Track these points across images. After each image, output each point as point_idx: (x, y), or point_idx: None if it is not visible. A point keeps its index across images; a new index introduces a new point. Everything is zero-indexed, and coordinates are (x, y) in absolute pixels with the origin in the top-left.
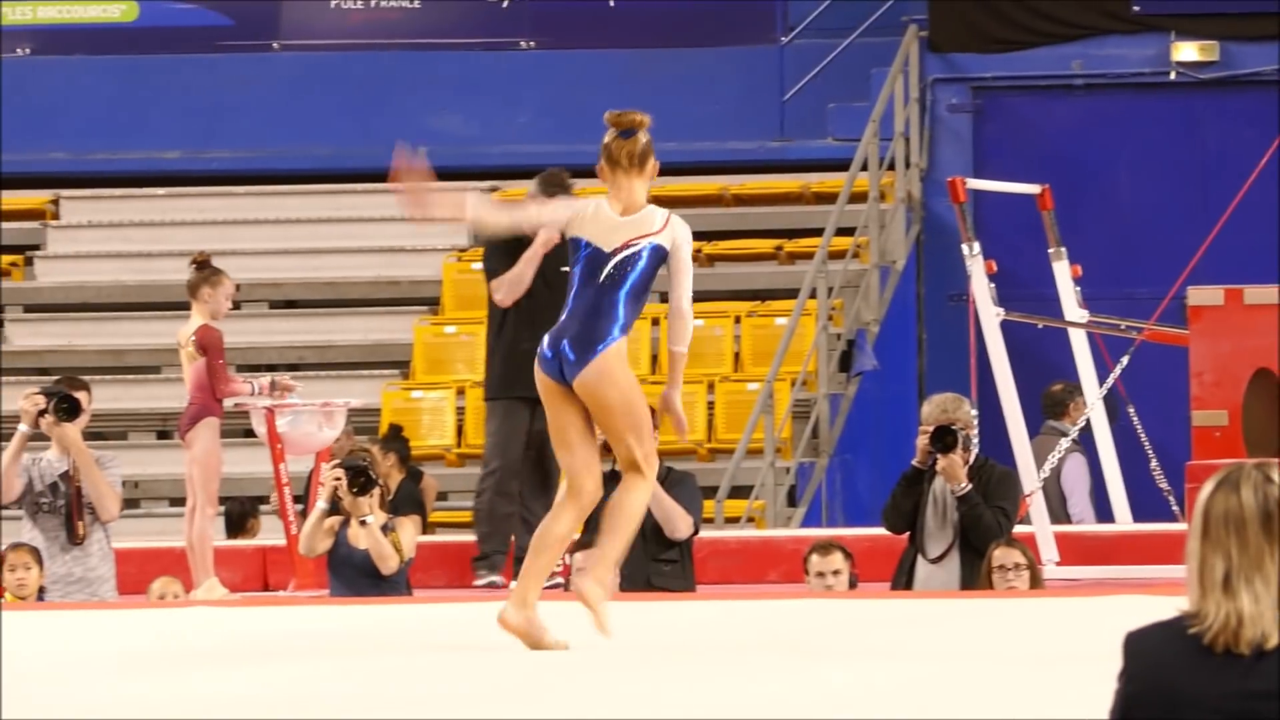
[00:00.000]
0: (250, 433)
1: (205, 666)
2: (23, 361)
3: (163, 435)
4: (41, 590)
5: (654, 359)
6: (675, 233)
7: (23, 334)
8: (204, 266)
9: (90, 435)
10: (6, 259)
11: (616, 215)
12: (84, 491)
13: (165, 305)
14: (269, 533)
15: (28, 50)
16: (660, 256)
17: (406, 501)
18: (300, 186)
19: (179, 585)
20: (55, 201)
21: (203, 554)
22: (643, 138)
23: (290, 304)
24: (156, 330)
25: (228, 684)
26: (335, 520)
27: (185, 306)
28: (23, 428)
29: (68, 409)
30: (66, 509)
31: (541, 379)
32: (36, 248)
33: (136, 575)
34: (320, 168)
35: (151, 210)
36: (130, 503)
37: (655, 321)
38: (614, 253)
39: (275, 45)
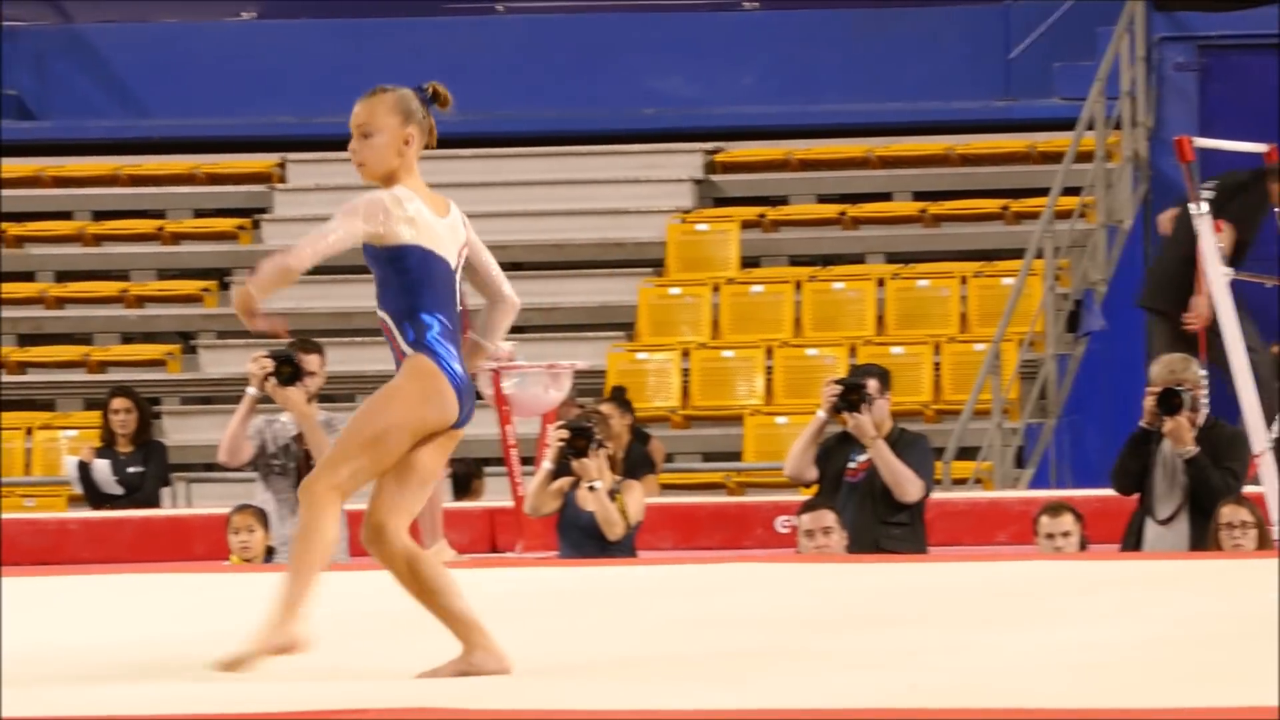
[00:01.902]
0: (477, 394)
1: (431, 629)
2: (235, 323)
3: None
4: (271, 551)
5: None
6: (469, 232)
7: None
8: None
9: (322, 398)
10: (234, 222)
11: (437, 218)
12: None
13: None
14: (495, 494)
15: (254, 14)
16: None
17: (640, 464)
18: (525, 149)
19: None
20: (282, 165)
21: (432, 516)
22: None
23: (515, 266)
24: None
25: (453, 647)
26: (565, 482)
27: None
28: (251, 391)
29: (289, 373)
30: (296, 472)
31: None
32: (264, 211)
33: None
34: (545, 130)
35: None
36: None
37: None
38: (455, 269)
39: (500, 7)
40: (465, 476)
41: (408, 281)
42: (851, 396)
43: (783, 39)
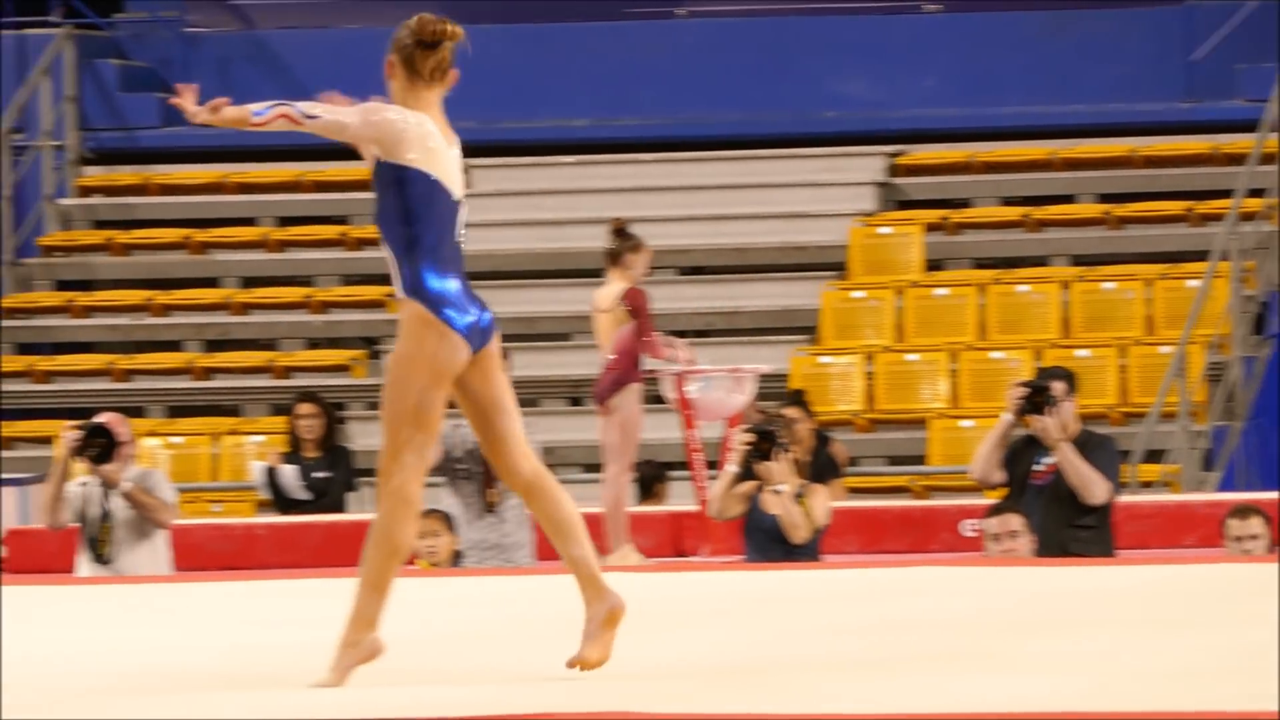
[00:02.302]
0: (659, 399)
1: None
2: None
3: (574, 401)
4: (458, 555)
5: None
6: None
7: None
8: (624, 233)
9: None
10: None
11: (452, 149)
12: None
13: (575, 273)
14: (679, 498)
15: None
16: None
17: (826, 467)
18: (707, 153)
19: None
20: (465, 170)
21: (617, 520)
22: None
23: (698, 270)
24: (567, 298)
25: (642, 649)
26: (750, 485)
27: (593, 274)
28: None
29: None
30: (481, 476)
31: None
32: None
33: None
34: (726, 134)
35: (560, 178)
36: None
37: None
38: (459, 203)
39: (680, 11)
40: (649, 480)
41: (408, 208)
42: (1037, 399)
43: (964, 41)
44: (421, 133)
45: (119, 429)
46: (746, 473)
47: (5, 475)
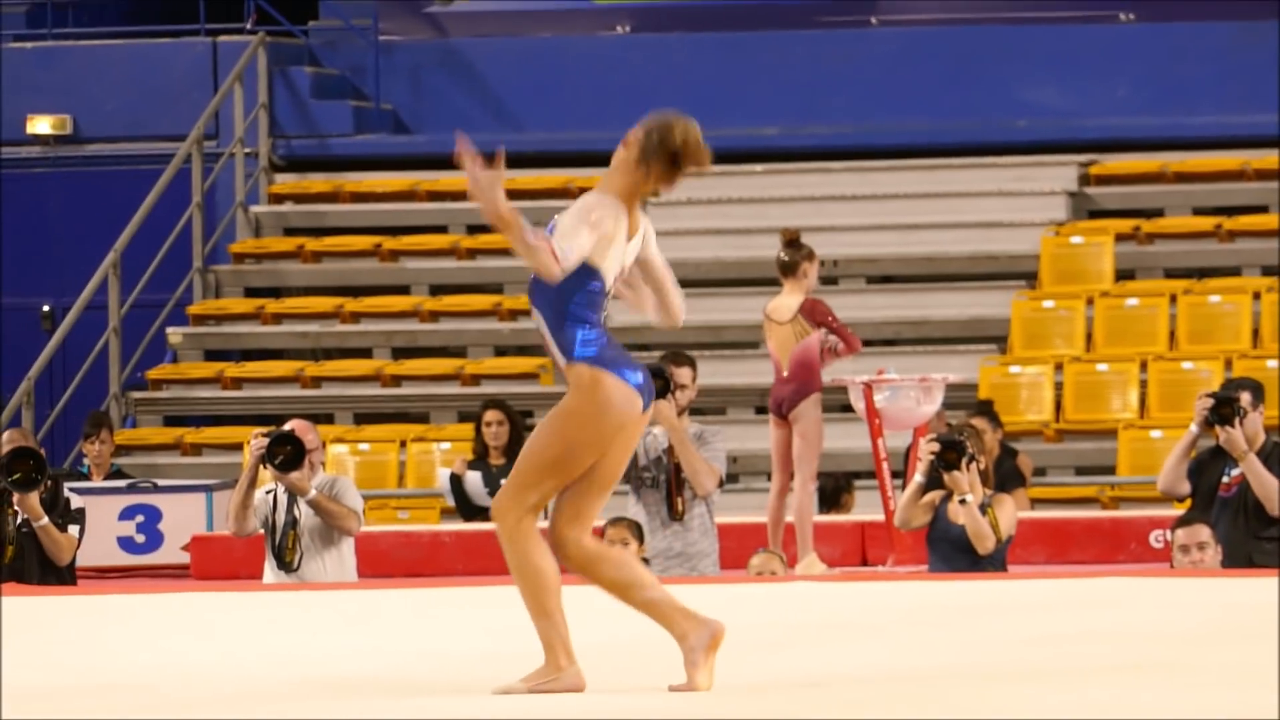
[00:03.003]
0: (847, 408)
1: (803, 643)
2: (625, 337)
3: (761, 410)
4: (645, 563)
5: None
6: (648, 242)
7: (624, 309)
8: (796, 243)
9: (693, 411)
10: None
11: (626, 242)
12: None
13: (764, 281)
14: (865, 508)
15: (627, 28)
16: None
17: (1010, 477)
18: (897, 161)
19: (778, 561)
20: None
21: (804, 529)
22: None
23: (887, 279)
24: (755, 306)
25: (825, 660)
26: (935, 495)
27: (780, 283)
28: None
29: (660, 387)
30: (667, 484)
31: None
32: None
33: (736, 550)
34: (917, 142)
35: (750, 187)
36: (730, 478)
37: None
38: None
39: (873, 20)
40: (835, 491)
41: (577, 295)
42: (1224, 410)
43: (1157, 51)
44: (614, 231)
45: (307, 436)
46: (932, 482)
47: (193, 481)
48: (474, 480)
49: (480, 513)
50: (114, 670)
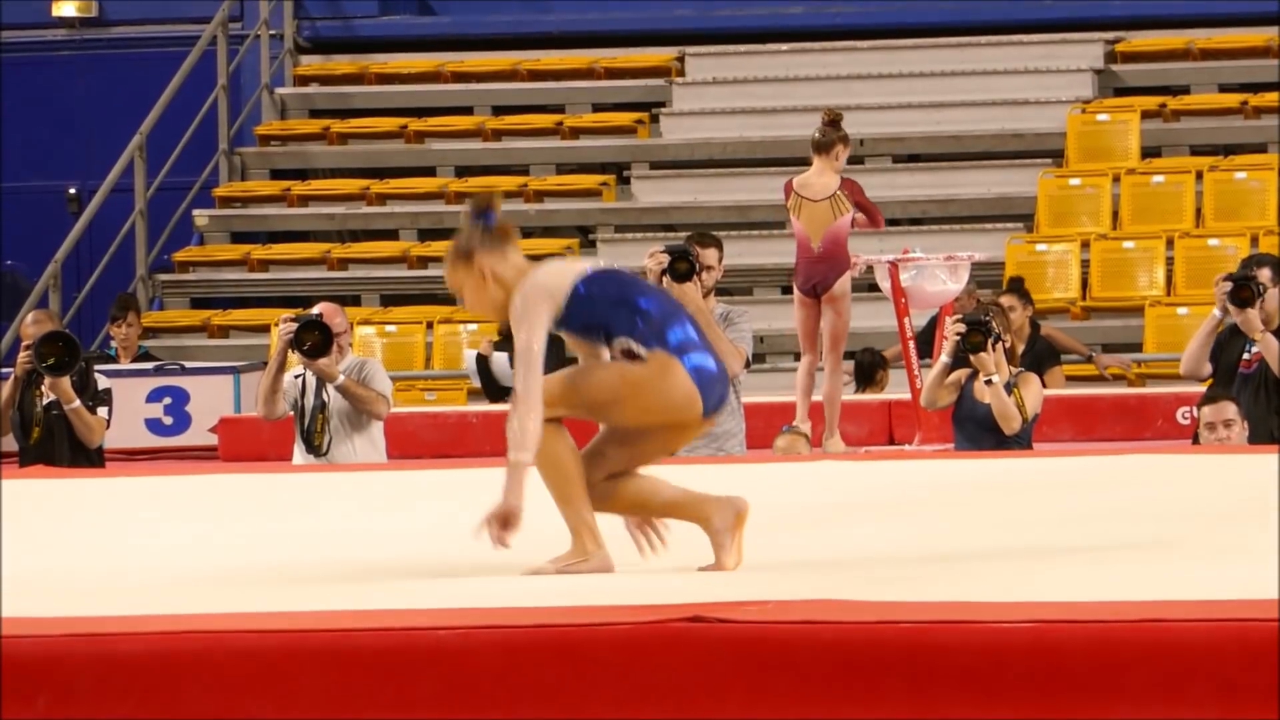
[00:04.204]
0: (872, 287)
1: (828, 522)
2: (650, 218)
3: (786, 290)
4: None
5: None
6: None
7: (649, 191)
8: (837, 124)
9: (719, 291)
10: (632, 116)
11: (573, 265)
12: None
13: (789, 161)
14: (892, 387)
15: None
16: None
17: (1045, 356)
18: (924, 40)
19: (803, 441)
20: (680, 59)
21: (833, 409)
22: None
23: (913, 158)
24: (781, 186)
25: (851, 539)
26: (960, 374)
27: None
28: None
29: (685, 269)
30: None
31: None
32: (662, 105)
33: (763, 429)
34: (944, 20)
35: (775, 66)
36: (756, 357)
37: None
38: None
39: None
40: (870, 366)
41: (599, 311)
42: (1243, 293)
43: None
44: (552, 289)
45: (334, 319)
46: (958, 361)
47: (221, 363)
48: (500, 360)
49: (506, 393)
50: (140, 553)
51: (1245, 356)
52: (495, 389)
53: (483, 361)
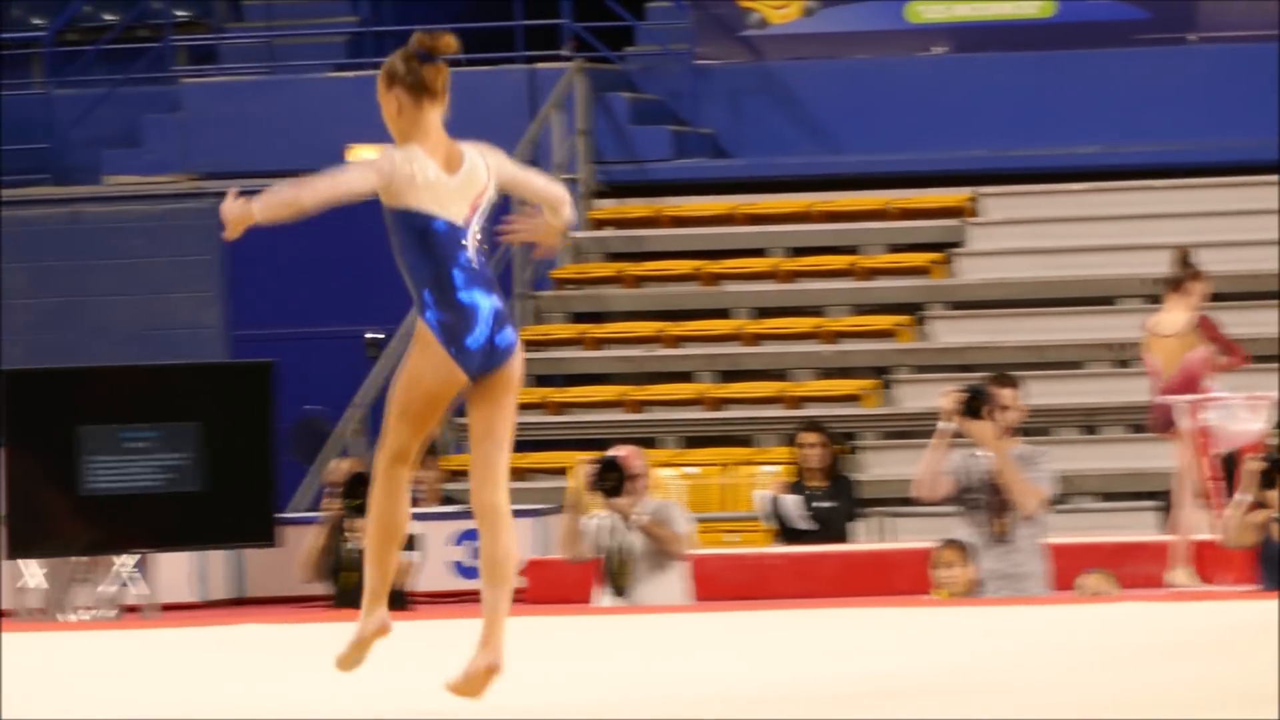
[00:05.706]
0: (1140, 427)
1: (1135, 663)
2: (946, 359)
3: (1088, 430)
4: (977, 585)
5: None
6: (498, 170)
7: (945, 331)
8: (1187, 261)
9: (1017, 431)
10: (927, 257)
11: (446, 175)
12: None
13: (1086, 300)
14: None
15: (945, 49)
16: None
17: None
18: (1220, 179)
19: (1111, 581)
20: (974, 199)
21: (1186, 542)
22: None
23: (1218, 297)
24: (1077, 325)
25: (1154, 681)
26: (1265, 514)
27: (1103, 301)
28: (944, 425)
29: (975, 407)
30: (992, 506)
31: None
32: (956, 245)
33: (1066, 570)
34: (1239, 159)
35: (1070, 205)
36: (1058, 499)
37: None
38: (461, 227)
39: (1192, 37)
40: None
41: (407, 246)
42: None
43: None
44: (408, 171)
45: (633, 462)
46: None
47: (522, 506)
48: (790, 503)
49: (798, 535)
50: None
51: None
52: (787, 530)
53: (774, 502)
